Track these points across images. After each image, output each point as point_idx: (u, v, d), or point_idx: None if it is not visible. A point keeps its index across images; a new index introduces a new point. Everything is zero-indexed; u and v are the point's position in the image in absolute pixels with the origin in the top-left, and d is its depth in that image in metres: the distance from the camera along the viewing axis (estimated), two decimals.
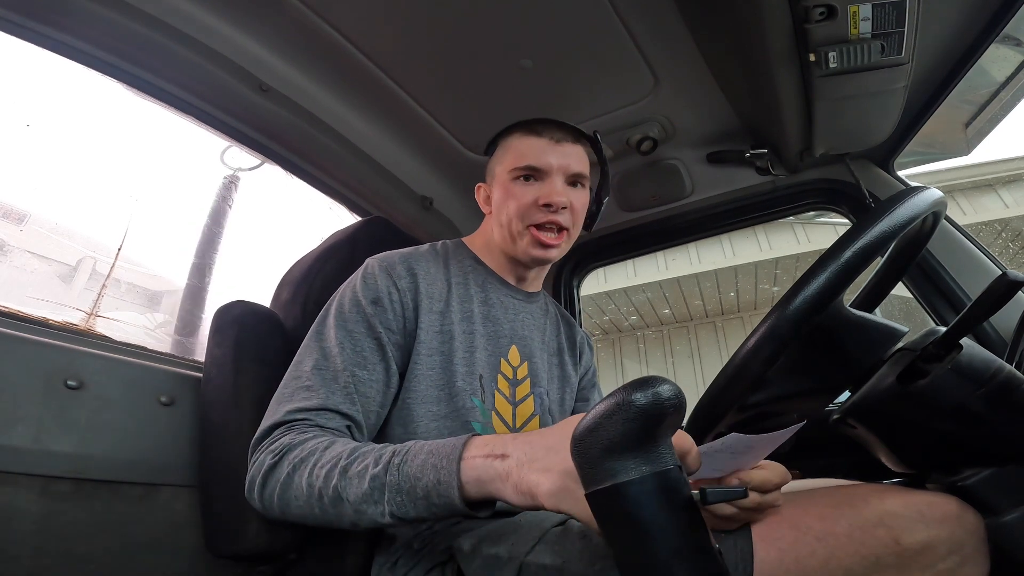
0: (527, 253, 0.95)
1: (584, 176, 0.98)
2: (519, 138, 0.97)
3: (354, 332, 0.81)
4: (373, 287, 0.85)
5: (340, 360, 0.79)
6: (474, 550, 0.73)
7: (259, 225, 1.85)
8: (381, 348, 0.82)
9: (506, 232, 0.96)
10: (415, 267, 0.90)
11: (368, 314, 0.83)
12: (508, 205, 0.94)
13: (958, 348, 0.61)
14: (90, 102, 1.27)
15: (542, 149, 0.94)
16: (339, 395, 0.77)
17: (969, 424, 0.60)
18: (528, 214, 0.93)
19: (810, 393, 0.70)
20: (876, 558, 0.58)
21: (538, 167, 0.94)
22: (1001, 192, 6.81)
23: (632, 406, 0.41)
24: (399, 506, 0.60)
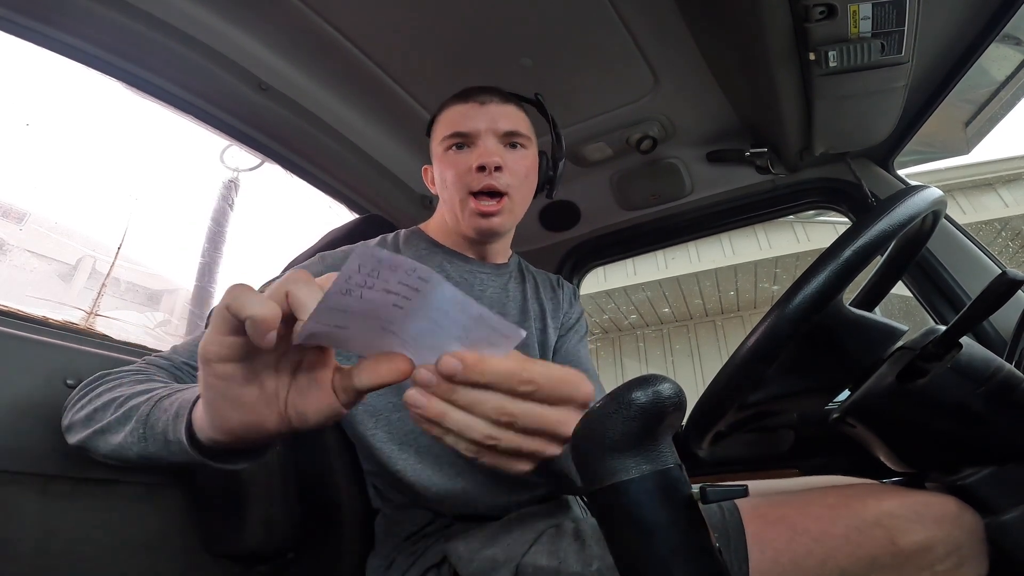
0: (470, 226, 0.90)
1: (520, 134, 0.92)
2: (448, 109, 0.95)
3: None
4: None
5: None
6: (469, 552, 0.73)
7: (260, 224, 1.85)
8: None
9: (450, 207, 0.92)
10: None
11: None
12: (446, 177, 0.91)
13: (958, 347, 0.61)
14: (89, 101, 1.27)
15: (468, 114, 0.91)
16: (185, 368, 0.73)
17: (969, 423, 0.60)
18: (464, 181, 0.89)
19: (809, 392, 0.70)
20: (873, 559, 0.58)
21: (465, 131, 0.90)
22: (1001, 191, 6.82)
23: (632, 405, 0.41)
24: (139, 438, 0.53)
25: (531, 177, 0.95)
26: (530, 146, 0.95)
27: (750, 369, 0.61)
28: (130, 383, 0.63)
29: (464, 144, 0.91)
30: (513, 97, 0.97)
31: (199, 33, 1.07)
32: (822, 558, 0.59)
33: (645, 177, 1.56)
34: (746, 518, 0.64)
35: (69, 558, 0.81)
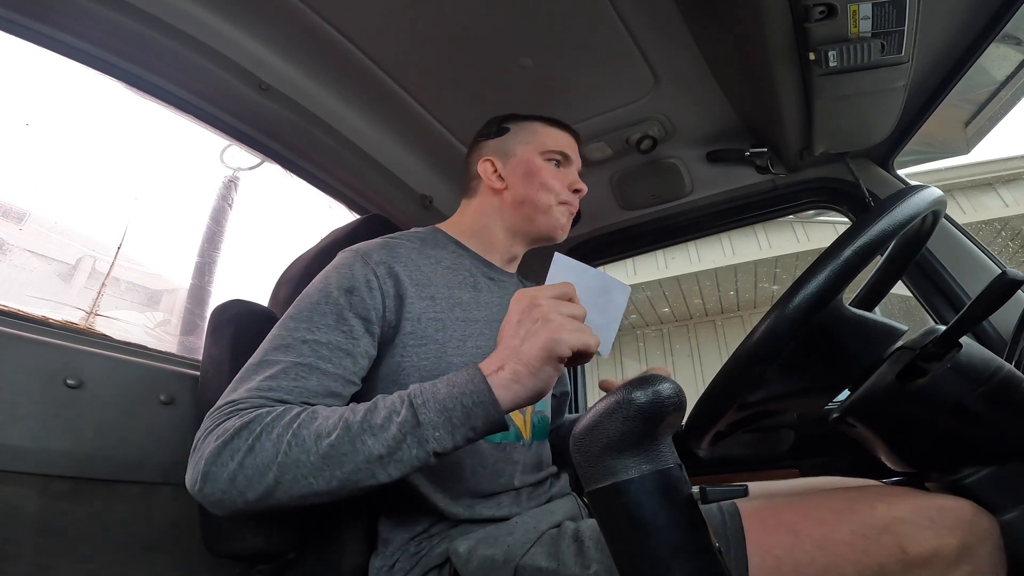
0: (555, 225, 1.01)
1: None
2: (547, 127, 1.06)
3: (319, 324, 0.75)
4: (348, 275, 0.80)
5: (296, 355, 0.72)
6: (470, 553, 0.73)
7: (259, 224, 1.85)
8: (351, 340, 0.76)
9: (531, 206, 1.00)
10: (394, 254, 0.86)
11: (341, 305, 0.77)
12: (545, 181, 1.00)
13: (958, 347, 0.61)
14: (89, 101, 1.27)
15: (570, 142, 1.06)
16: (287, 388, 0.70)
17: (969, 423, 0.60)
18: (560, 193, 1.01)
19: (810, 392, 0.70)
20: (880, 567, 0.56)
21: (570, 156, 1.05)
22: (1000, 191, 6.82)
23: (632, 404, 0.41)
24: (441, 443, 0.62)
25: None
26: None
27: (750, 369, 0.61)
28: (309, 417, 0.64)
29: (561, 164, 1.04)
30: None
31: (199, 33, 1.07)
32: (825, 565, 0.57)
33: (645, 177, 1.56)
34: (747, 522, 0.63)
35: (69, 558, 0.81)
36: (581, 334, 0.62)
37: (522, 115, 1.07)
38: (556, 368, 0.62)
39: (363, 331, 0.78)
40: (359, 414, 0.63)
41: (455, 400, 0.62)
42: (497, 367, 0.63)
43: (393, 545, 0.81)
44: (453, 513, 0.81)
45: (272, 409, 0.65)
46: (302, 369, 0.71)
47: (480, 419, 0.62)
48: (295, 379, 0.70)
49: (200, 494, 0.62)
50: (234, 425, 0.63)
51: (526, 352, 0.62)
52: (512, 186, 1.01)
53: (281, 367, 0.70)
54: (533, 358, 0.62)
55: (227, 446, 0.62)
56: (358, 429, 0.61)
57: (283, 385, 0.69)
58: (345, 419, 0.62)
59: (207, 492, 0.62)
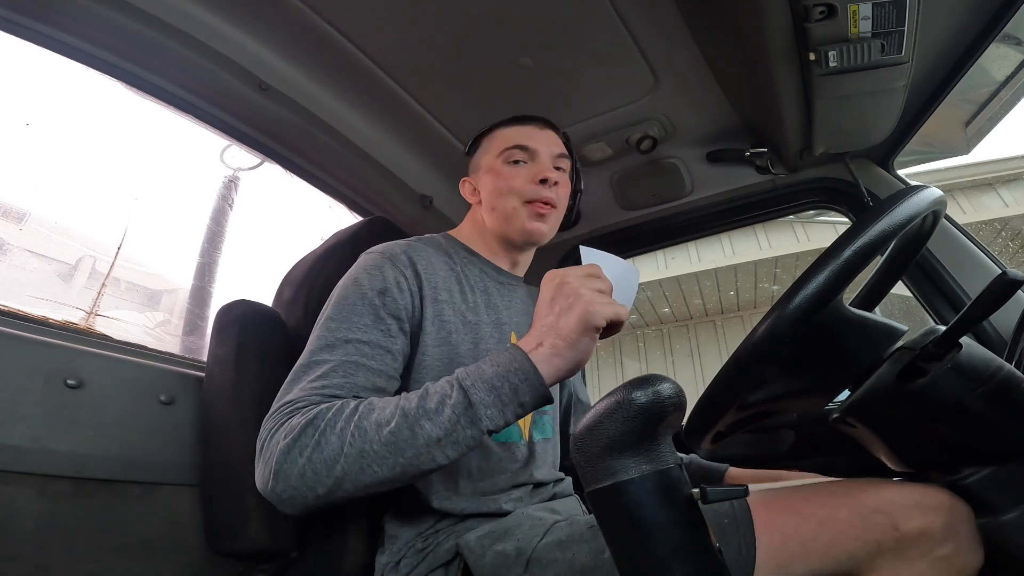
0: (523, 228, 0.97)
1: (565, 159, 1.04)
2: (504, 128, 1.04)
3: (358, 324, 0.79)
4: (379, 277, 0.84)
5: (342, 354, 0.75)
6: (482, 547, 0.74)
7: (260, 224, 1.85)
8: (389, 338, 0.80)
9: (500, 214, 0.99)
10: (416, 256, 0.90)
11: (376, 305, 0.81)
12: (501, 184, 0.98)
13: (958, 347, 0.61)
14: (89, 101, 1.27)
15: (529, 133, 1.01)
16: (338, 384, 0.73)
17: (968, 423, 0.60)
18: (523, 191, 0.97)
19: (810, 392, 0.70)
20: (877, 543, 0.60)
21: (529, 146, 0.99)
22: (1001, 191, 6.82)
23: (632, 404, 0.41)
24: (493, 421, 0.64)
25: (568, 198, 1.05)
26: (567, 173, 1.05)
27: (750, 369, 0.61)
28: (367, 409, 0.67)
29: (524, 160, 1.00)
30: (557, 128, 1.07)
31: (199, 33, 1.07)
32: (828, 541, 0.61)
33: (645, 177, 1.56)
34: (754, 506, 0.66)
35: (69, 558, 0.81)
36: (612, 306, 0.66)
37: (491, 126, 1.07)
38: (593, 339, 0.66)
39: (398, 330, 0.82)
40: (413, 401, 0.65)
41: (502, 379, 0.65)
42: (536, 344, 0.66)
43: (399, 542, 0.82)
44: (458, 509, 0.82)
45: (331, 404, 0.67)
46: (349, 367, 0.74)
47: (528, 394, 0.65)
48: (344, 376, 0.73)
49: (272, 492, 0.65)
50: (299, 423, 0.65)
51: (563, 326, 0.66)
52: (484, 198, 1.02)
53: (330, 366, 0.73)
54: (571, 331, 0.65)
55: (296, 443, 0.64)
56: (415, 415, 0.64)
57: (334, 383, 0.72)
58: (401, 407, 0.65)
59: (279, 490, 0.64)
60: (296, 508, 0.65)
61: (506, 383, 0.64)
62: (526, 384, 0.65)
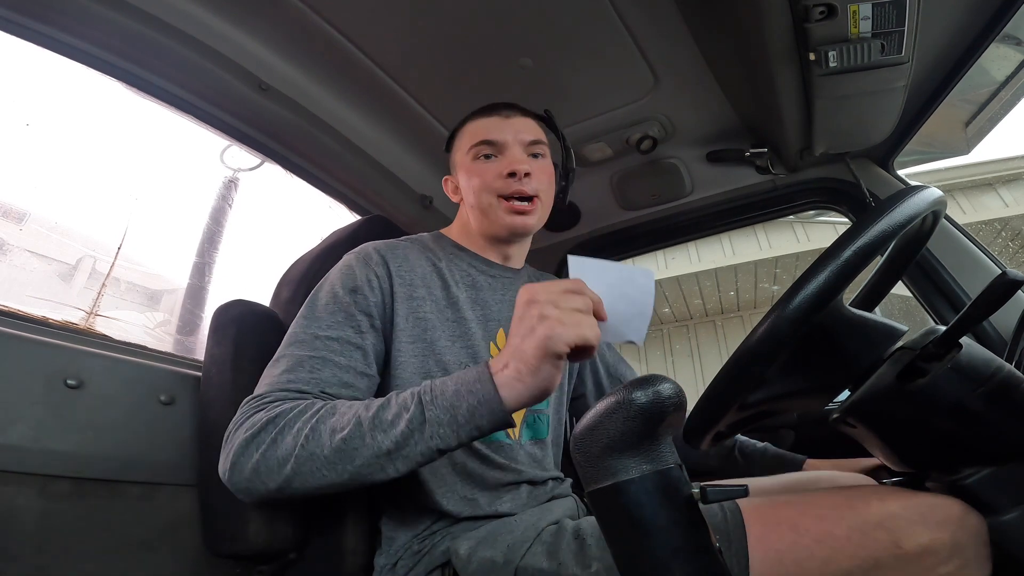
0: (503, 224, 0.95)
1: (541, 143, 1.00)
2: (472, 122, 1.02)
3: (328, 322, 0.80)
4: (350, 276, 0.85)
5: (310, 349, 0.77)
6: (470, 555, 0.74)
7: (259, 224, 1.85)
8: (359, 334, 0.81)
9: (478, 211, 0.97)
10: (389, 255, 0.90)
11: (345, 303, 0.82)
12: (473, 183, 0.96)
13: (958, 347, 0.61)
14: (89, 101, 1.27)
15: (494, 125, 0.98)
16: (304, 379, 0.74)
17: (968, 423, 0.59)
18: (494, 187, 0.95)
19: (810, 392, 0.70)
20: (876, 561, 0.58)
21: (493, 140, 0.97)
22: (1001, 191, 6.82)
23: (632, 405, 0.41)
24: (445, 440, 0.63)
25: (552, 183, 1.01)
26: (548, 154, 1.02)
27: (750, 369, 0.61)
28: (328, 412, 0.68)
29: (492, 154, 0.97)
30: (529, 111, 1.03)
31: (199, 33, 1.07)
32: (824, 559, 0.59)
33: (645, 177, 1.56)
34: (748, 520, 0.64)
35: (69, 558, 0.81)
36: (579, 328, 0.60)
37: (465, 118, 1.05)
38: (555, 366, 0.61)
39: (369, 326, 0.83)
40: (372, 410, 0.65)
41: (461, 398, 0.63)
42: (503, 365, 0.64)
43: (396, 544, 0.82)
44: (454, 511, 0.81)
45: (297, 404, 0.69)
46: (316, 362, 0.75)
47: (485, 418, 0.63)
48: (310, 371, 0.74)
49: (229, 482, 0.67)
50: (261, 419, 0.67)
51: (525, 349, 0.62)
52: (464, 196, 1.01)
53: (296, 360, 0.75)
54: (531, 356, 0.61)
55: (254, 439, 0.66)
56: (369, 425, 0.64)
57: (301, 377, 0.74)
58: (358, 415, 0.65)
59: (235, 480, 0.67)
60: (252, 498, 0.67)
61: (464, 404, 0.63)
62: (484, 407, 0.63)
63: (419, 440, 0.63)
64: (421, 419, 0.63)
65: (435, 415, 0.63)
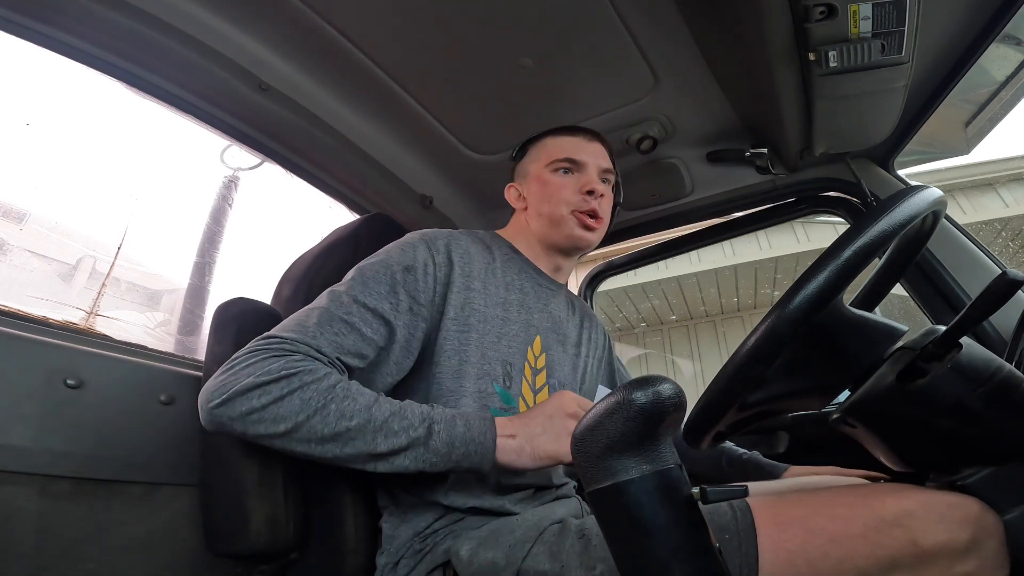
0: (571, 235, 1.02)
1: (611, 172, 1.09)
2: (554, 138, 1.09)
3: (372, 291, 0.82)
4: (410, 255, 0.88)
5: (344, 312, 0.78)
6: (471, 556, 0.73)
7: (259, 224, 1.85)
8: (396, 312, 0.83)
9: (546, 220, 1.03)
10: (454, 245, 0.93)
11: (396, 280, 0.84)
12: (549, 194, 1.03)
13: (958, 347, 0.61)
14: (89, 101, 1.27)
15: (578, 145, 1.06)
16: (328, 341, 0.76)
17: (969, 423, 0.59)
18: (571, 200, 1.02)
19: (809, 392, 0.70)
20: (892, 560, 0.56)
21: (576, 159, 1.04)
22: (1001, 191, 6.81)
23: (632, 405, 0.41)
24: (431, 464, 0.71)
25: (612, 208, 1.10)
26: (612, 184, 1.11)
27: (750, 370, 0.61)
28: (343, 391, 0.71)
29: (571, 170, 1.05)
30: (606, 141, 1.12)
31: (199, 33, 1.07)
32: (838, 559, 0.57)
33: (645, 177, 1.56)
34: (759, 519, 0.63)
35: (69, 558, 0.81)
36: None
37: (540, 133, 1.12)
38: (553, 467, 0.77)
39: (407, 308, 0.85)
40: (384, 413, 0.71)
41: (464, 443, 0.72)
42: (511, 433, 0.74)
43: (397, 542, 0.82)
44: (454, 500, 0.81)
45: (316, 370, 0.70)
46: (344, 326, 0.78)
47: (471, 462, 0.73)
48: (336, 334, 0.77)
49: (210, 410, 0.67)
50: (277, 370, 0.68)
51: (540, 445, 0.73)
52: (530, 204, 1.07)
53: (327, 319, 0.77)
54: (542, 453, 0.73)
55: (262, 387, 0.67)
56: (376, 427, 0.69)
57: (326, 338, 0.75)
58: (371, 412, 0.70)
59: (219, 413, 0.67)
60: (220, 430, 0.68)
61: (464, 448, 0.72)
62: (477, 456, 0.72)
63: (412, 457, 0.70)
64: (423, 443, 0.70)
65: (436, 445, 0.71)
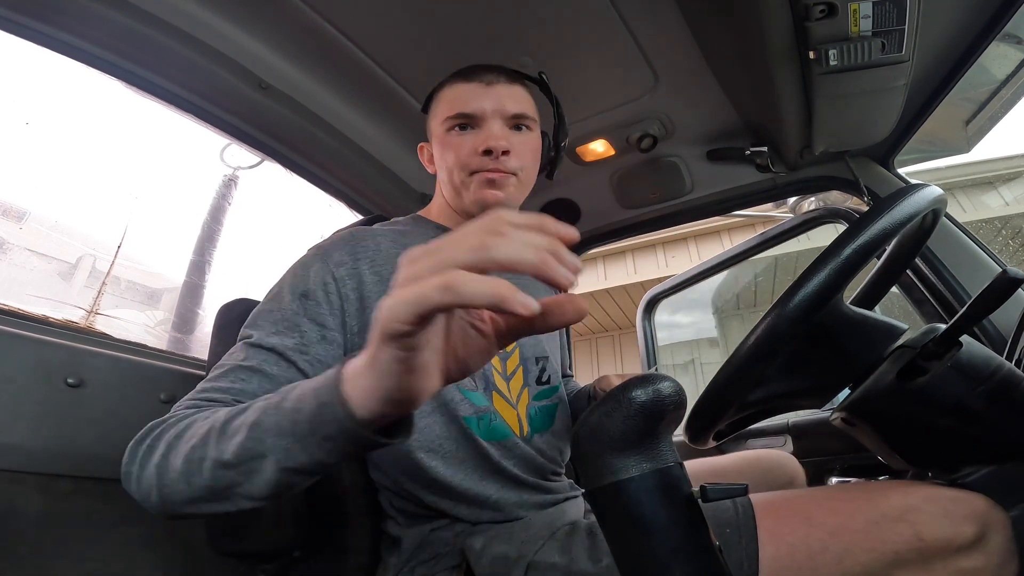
0: (478, 199, 0.86)
1: (527, 116, 0.89)
2: (450, 87, 0.91)
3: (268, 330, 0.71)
4: (303, 279, 0.76)
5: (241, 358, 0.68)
6: (484, 548, 0.73)
7: (259, 222, 1.85)
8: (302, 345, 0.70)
9: (451, 187, 0.89)
10: (360, 249, 0.80)
11: (293, 310, 0.72)
12: (447, 158, 0.88)
13: (958, 346, 0.61)
14: (89, 100, 1.27)
15: (473, 94, 0.87)
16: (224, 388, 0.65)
17: (969, 422, 0.60)
18: (468, 163, 0.85)
19: (810, 391, 0.70)
20: (896, 554, 0.55)
21: (470, 113, 0.86)
22: (1001, 190, 6.81)
23: (632, 403, 0.41)
24: (286, 453, 0.46)
25: (536, 159, 0.93)
26: (535, 127, 0.92)
27: (751, 368, 0.61)
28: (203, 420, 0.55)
29: (468, 125, 0.87)
30: (518, 76, 0.93)
31: (199, 32, 1.07)
32: (840, 553, 0.57)
33: (645, 176, 1.56)
34: (759, 512, 0.63)
35: (70, 556, 0.81)
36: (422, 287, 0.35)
37: (446, 78, 0.94)
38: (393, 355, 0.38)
39: (318, 337, 0.72)
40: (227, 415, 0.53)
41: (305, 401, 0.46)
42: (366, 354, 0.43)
43: (404, 543, 0.80)
44: (462, 511, 0.79)
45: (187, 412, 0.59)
46: (244, 372, 0.66)
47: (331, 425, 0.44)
48: (233, 381, 0.65)
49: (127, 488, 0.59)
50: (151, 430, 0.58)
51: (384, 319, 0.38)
52: (438, 169, 0.92)
53: (224, 369, 0.67)
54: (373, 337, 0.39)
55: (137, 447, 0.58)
56: (217, 431, 0.51)
57: (220, 386, 0.65)
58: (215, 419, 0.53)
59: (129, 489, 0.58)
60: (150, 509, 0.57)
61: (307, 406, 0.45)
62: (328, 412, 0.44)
63: (260, 452, 0.47)
64: (260, 427, 0.48)
65: (276, 421, 0.47)
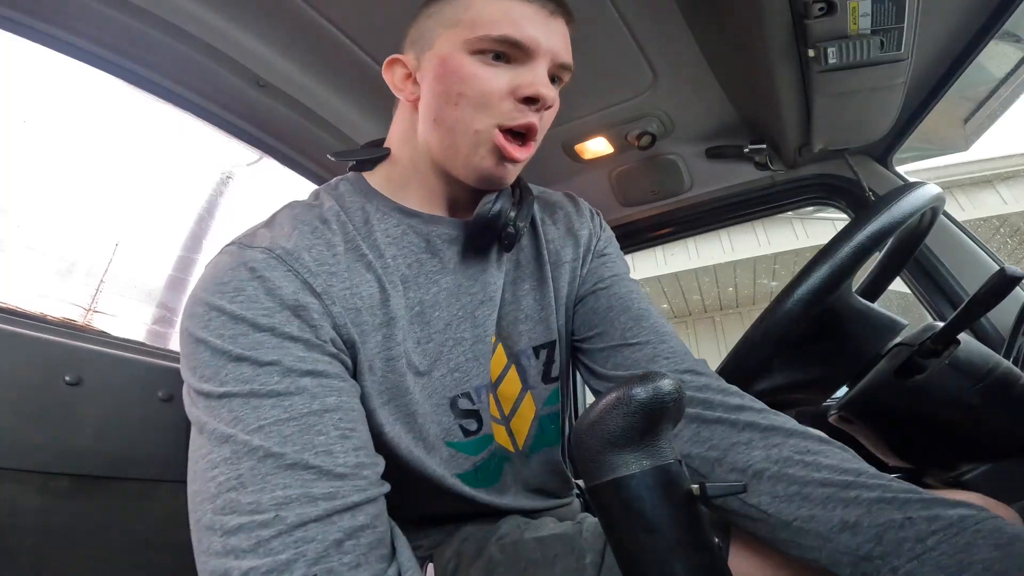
0: (479, 169, 0.64)
1: (569, 71, 0.68)
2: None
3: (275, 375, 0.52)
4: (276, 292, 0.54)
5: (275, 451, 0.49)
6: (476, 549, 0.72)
7: (257, 220, 1.85)
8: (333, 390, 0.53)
9: (446, 133, 0.64)
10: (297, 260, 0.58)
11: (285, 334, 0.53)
12: (463, 91, 0.61)
13: (956, 343, 0.61)
14: (88, 98, 1.27)
15: (530, 18, 0.62)
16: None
17: (966, 419, 0.60)
18: (499, 109, 0.62)
19: (811, 384, 0.71)
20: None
21: (521, 41, 0.61)
22: (999, 188, 6.83)
23: (633, 400, 0.41)
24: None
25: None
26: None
27: (759, 351, 0.61)
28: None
29: (509, 57, 0.62)
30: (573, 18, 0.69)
31: (197, 30, 1.06)
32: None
33: (644, 173, 1.56)
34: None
35: (69, 556, 0.81)
36: None
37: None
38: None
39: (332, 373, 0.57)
40: None
41: None
42: None
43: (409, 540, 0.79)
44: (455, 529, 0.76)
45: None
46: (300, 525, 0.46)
47: None
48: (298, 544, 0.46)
49: None
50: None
51: None
52: (431, 101, 0.65)
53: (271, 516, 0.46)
54: None
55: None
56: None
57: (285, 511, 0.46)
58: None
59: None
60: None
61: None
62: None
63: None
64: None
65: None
